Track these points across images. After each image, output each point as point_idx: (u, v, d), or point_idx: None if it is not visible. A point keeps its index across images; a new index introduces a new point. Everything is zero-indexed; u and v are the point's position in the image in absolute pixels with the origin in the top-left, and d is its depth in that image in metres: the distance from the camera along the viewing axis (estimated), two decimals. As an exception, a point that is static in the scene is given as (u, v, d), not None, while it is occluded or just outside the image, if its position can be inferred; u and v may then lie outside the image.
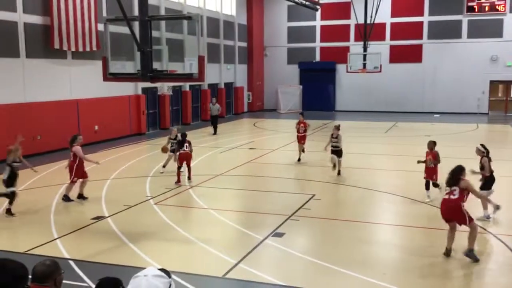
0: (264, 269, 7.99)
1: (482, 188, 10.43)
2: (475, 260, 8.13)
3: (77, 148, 12.12)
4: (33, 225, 10.39)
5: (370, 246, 9.32)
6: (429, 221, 10.46)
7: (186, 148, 13.73)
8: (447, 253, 8.39)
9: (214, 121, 24.66)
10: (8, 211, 10.88)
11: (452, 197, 8.41)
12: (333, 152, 14.70)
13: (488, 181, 10.72)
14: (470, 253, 8.17)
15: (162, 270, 3.56)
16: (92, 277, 7.38)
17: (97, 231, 9.91)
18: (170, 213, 11.08)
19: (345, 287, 7.52)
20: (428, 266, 8.14)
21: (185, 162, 13.78)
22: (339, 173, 14.65)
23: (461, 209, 8.26)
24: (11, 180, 10.97)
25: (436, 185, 12.04)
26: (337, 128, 15.04)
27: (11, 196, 10.92)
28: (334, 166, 14.69)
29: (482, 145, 11.19)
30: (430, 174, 12.04)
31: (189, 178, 13.92)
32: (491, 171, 10.65)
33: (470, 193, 8.58)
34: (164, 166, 15.35)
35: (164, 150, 15.27)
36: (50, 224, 10.32)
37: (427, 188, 12.06)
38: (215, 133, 24.37)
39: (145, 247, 8.96)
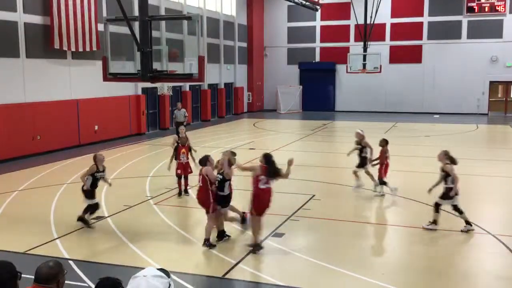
0: (264, 269, 8.00)
1: (443, 197, 9.84)
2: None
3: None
4: (33, 225, 10.39)
5: (369, 246, 9.33)
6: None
7: (182, 158, 12.33)
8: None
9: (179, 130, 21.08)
10: (83, 220, 10.01)
11: None
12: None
13: (448, 191, 9.87)
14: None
15: (161, 270, 3.56)
16: (92, 277, 7.38)
17: (97, 231, 9.91)
18: (170, 214, 11.08)
19: (344, 287, 7.52)
20: (427, 266, 8.15)
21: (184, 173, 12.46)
22: None
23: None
24: (92, 192, 10.08)
25: (384, 182, 12.32)
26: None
27: (95, 207, 10.14)
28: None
29: (445, 151, 10.11)
30: (380, 171, 12.37)
31: (185, 191, 12.58)
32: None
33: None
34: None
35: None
36: (50, 224, 10.32)
37: (383, 184, 12.40)
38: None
39: (145, 247, 8.96)
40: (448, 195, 9.73)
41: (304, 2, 31.78)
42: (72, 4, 19.39)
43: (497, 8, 32.93)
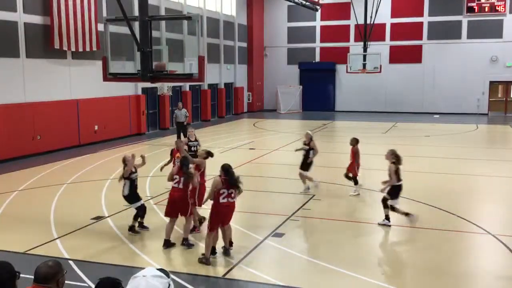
0: (264, 269, 7.99)
1: (389, 194, 10.03)
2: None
3: None
4: (33, 225, 10.39)
5: (369, 246, 9.33)
6: (429, 222, 10.46)
7: (177, 163, 10.29)
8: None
9: (180, 129, 20.96)
10: (133, 229, 9.69)
11: None
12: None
13: (395, 190, 10.07)
14: None
15: (161, 270, 3.56)
16: (92, 277, 7.39)
17: (97, 231, 9.91)
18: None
19: (344, 287, 7.53)
20: (428, 266, 8.15)
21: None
22: None
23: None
24: (134, 194, 9.81)
25: (348, 177, 12.70)
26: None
27: (141, 211, 9.83)
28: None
29: (392, 150, 10.37)
30: (349, 169, 12.70)
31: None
32: (399, 180, 10.00)
33: None
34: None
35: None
36: (50, 224, 10.32)
37: (356, 183, 12.65)
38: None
39: (145, 247, 8.97)
40: (394, 192, 10.03)
41: (304, 2, 31.79)
42: (72, 4, 19.39)
43: (497, 8, 32.93)
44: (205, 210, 9.65)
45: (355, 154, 12.71)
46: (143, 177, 14.78)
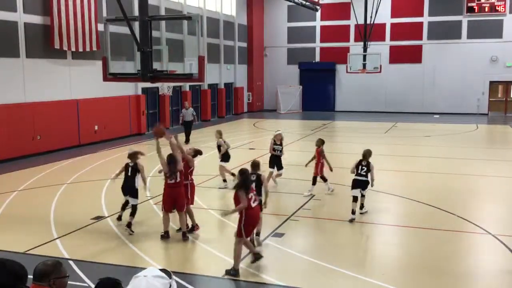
0: (264, 269, 7.99)
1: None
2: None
3: None
4: (33, 225, 10.39)
5: (369, 246, 9.33)
6: (429, 222, 10.46)
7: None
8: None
9: (187, 128, 21.62)
10: (130, 226, 9.75)
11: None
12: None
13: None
14: None
15: (163, 270, 3.57)
16: (92, 277, 7.39)
17: (97, 231, 9.91)
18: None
19: (344, 287, 7.53)
20: (428, 266, 8.15)
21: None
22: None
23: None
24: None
25: (324, 179, 12.85)
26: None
27: (136, 210, 9.96)
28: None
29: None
30: (316, 170, 12.77)
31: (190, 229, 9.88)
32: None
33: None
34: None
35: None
36: (50, 224, 10.33)
37: (313, 183, 12.69)
38: (187, 141, 21.00)
39: (145, 247, 8.97)
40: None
41: (304, 2, 31.78)
42: (72, 4, 19.39)
43: (497, 8, 32.93)
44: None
45: (320, 154, 12.85)
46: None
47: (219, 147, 13.94)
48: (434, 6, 34.41)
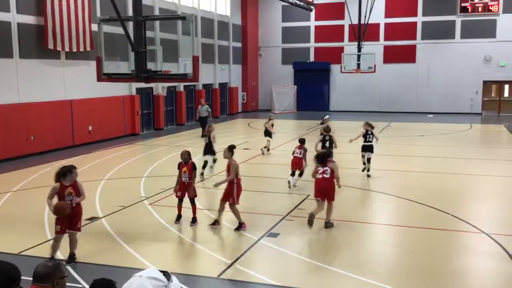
0: (259, 269, 7.99)
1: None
2: (331, 226, 9.98)
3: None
4: (27, 226, 10.33)
5: (364, 246, 9.34)
6: (424, 221, 10.49)
7: (184, 178, 10.27)
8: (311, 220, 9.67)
9: (203, 123, 23.17)
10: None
11: (325, 176, 9.92)
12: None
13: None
14: (328, 224, 9.98)
15: (164, 272, 3.56)
16: (86, 278, 7.36)
17: (91, 232, 9.87)
18: (165, 214, 11.03)
19: (339, 287, 7.53)
20: (423, 266, 8.17)
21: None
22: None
23: (334, 187, 10.08)
24: None
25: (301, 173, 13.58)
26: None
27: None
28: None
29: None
30: (295, 164, 13.50)
31: (193, 219, 10.42)
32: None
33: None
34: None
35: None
36: (43, 225, 10.27)
37: (293, 175, 13.45)
38: (203, 135, 21.32)
39: (140, 248, 8.94)
40: None
41: (298, 2, 31.80)
42: (65, 4, 19.31)
43: (490, 8, 33.09)
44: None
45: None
46: (137, 178, 14.77)
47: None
48: (428, 6, 34.53)
